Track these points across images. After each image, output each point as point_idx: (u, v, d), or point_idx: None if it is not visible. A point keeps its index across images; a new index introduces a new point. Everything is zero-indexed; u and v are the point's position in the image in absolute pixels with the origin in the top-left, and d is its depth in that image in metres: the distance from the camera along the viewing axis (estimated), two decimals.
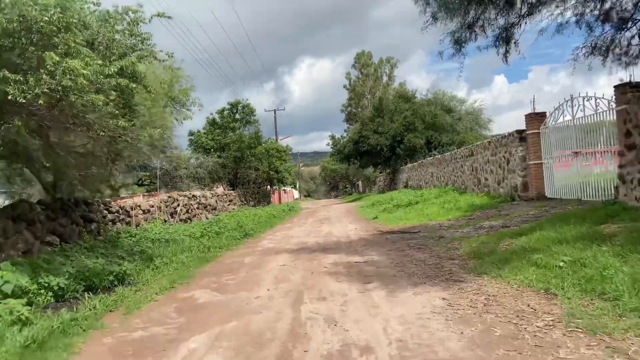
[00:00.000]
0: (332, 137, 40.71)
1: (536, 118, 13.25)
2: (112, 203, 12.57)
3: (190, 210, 18.19)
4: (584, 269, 5.31)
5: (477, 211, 13.38)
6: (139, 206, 14.13)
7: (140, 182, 26.20)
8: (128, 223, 13.16)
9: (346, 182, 78.31)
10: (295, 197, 69.18)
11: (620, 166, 8.81)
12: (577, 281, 5.06)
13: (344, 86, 63.38)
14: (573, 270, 5.39)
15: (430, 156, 28.71)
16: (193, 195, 18.93)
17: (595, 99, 10.27)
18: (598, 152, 10.46)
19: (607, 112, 9.93)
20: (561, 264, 5.62)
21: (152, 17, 8.98)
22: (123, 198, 14.88)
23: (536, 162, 13.18)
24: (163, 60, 10.00)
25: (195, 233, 12.17)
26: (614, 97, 9.30)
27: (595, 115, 10.39)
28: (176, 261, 9.25)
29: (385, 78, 61.51)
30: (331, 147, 41.14)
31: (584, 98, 10.76)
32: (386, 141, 34.75)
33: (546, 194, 13.10)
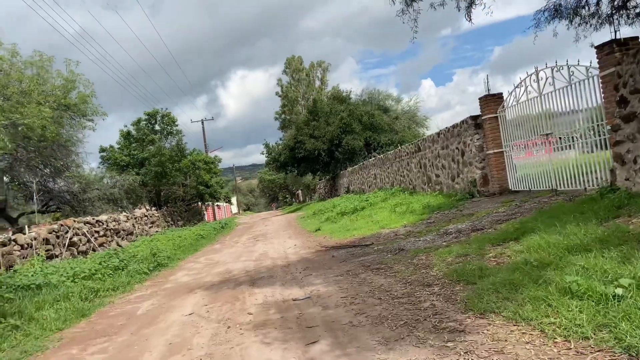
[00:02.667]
0: (267, 145, 38.13)
1: (492, 100, 11.49)
2: None
3: (93, 239, 14.98)
4: None
5: (435, 213, 11.38)
6: (15, 240, 10.92)
7: (45, 208, 22.43)
8: None
9: (285, 192, 75.82)
10: (233, 212, 65.75)
11: (616, 143, 7.01)
12: None
13: (276, 93, 60.95)
14: None
15: (371, 158, 26.93)
16: (97, 221, 15.71)
17: (569, 67, 8.53)
18: (576, 131, 8.71)
19: (586, 81, 8.20)
20: (618, 290, 3.49)
21: None
22: None
23: (496, 151, 11.41)
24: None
25: (84, 271, 9.24)
26: (597, 60, 7.54)
27: (569, 87, 8.65)
28: (37, 319, 6.39)
29: (317, 82, 59.71)
30: (266, 156, 38.49)
31: (552, 69, 9.02)
32: (323, 145, 32.70)
33: (510, 187, 11.34)
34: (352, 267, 7.50)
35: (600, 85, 7.53)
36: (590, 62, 7.97)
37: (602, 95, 7.52)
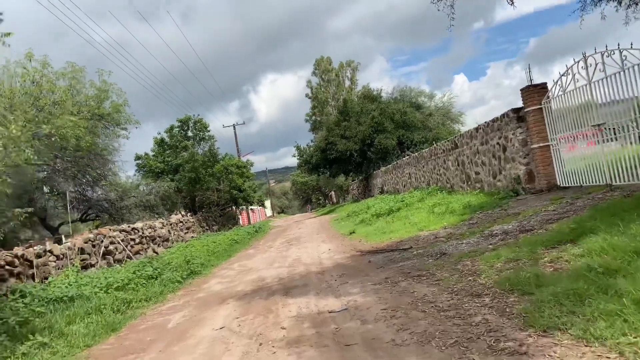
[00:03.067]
0: (298, 148, 37.86)
1: (536, 91, 10.77)
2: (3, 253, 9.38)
3: (129, 247, 15.01)
4: None
5: (477, 212, 10.75)
6: (50, 251, 10.95)
7: (85, 216, 22.85)
8: (33, 276, 9.99)
9: (318, 194, 75.60)
10: (267, 216, 66.04)
11: None
12: None
13: (306, 95, 60.82)
14: None
15: (404, 156, 26.26)
16: (133, 229, 15.76)
17: (621, 52, 7.80)
18: (632, 120, 7.96)
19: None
20: None
21: None
22: (31, 244, 11.66)
23: (541, 144, 10.68)
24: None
25: (117, 281, 9.12)
26: None
27: (622, 73, 7.91)
28: (67, 335, 6.22)
29: (347, 82, 59.22)
30: (297, 159, 38.26)
31: (602, 54, 8.29)
32: (355, 145, 32.19)
33: (558, 183, 10.59)
34: (390, 273, 7.03)
35: None
36: None
37: None
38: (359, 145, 32.13)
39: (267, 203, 71.05)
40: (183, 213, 27.67)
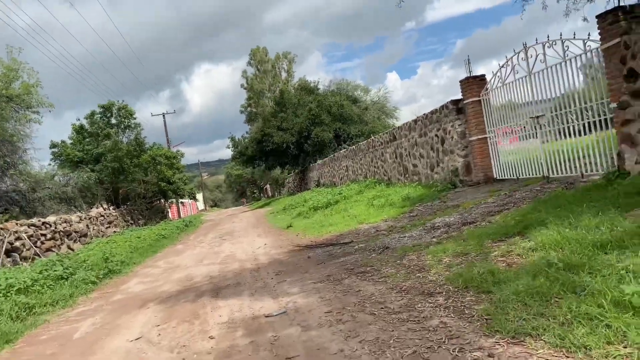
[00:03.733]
0: (232, 139, 36.52)
1: (475, 82, 10.68)
2: None
3: (40, 243, 13.47)
4: None
5: (417, 205, 10.52)
6: None
7: None
8: None
9: (253, 187, 74.28)
10: (199, 209, 63.88)
11: (624, 123, 6.25)
12: None
13: (241, 85, 59.26)
14: None
15: (341, 149, 26.02)
16: (44, 223, 14.18)
17: (562, 42, 7.74)
18: (571, 112, 7.94)
19: (583, 55, 7.43)
20: None
21: None
22: None
23: (480, 137, 10.62)
24: None
25: (19, 283, 7.90)
26: (598, 31, 6.75)
27: (563, 64, 7.87)
28: None
29: (284, 74, 58.31)
30: (232, 150, 36.96)
31: (543, 44, 8.22)
32: (292, 137, 31.57)
33: (495, 176, 10.58)
34: (332, 270, 6.50)
35: (602, 58, 6.75)
36: (589, 35, 7.21)
37: (605, 69, 6.75)
38: (295, 138, 31.54)
39: (200, 196, 68.76)
40: (105, 206, 25.73)
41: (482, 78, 10.68)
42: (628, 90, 6.12)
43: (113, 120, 26.19)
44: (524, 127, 9.30)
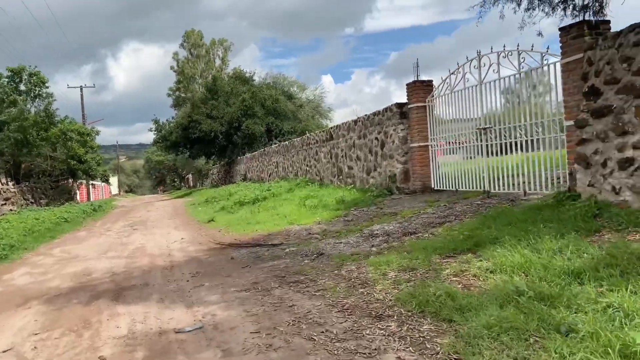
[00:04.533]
0: (156, 122, 34.14)
1: (421, 87, 10.31)
2: None
3: None
4: None
5: (352, 209, 9.93)
6: None
7: None
8: None
9: (174, 176, 71.02)
10: (112, 194, 59.84)
11: (580, 142, 6.00)
12: None
13: (171, 67, 56.18)
14: None
15: (273, 144, 25.13)
16: None
17: (519, 53, 7.48)
18: (520, 127, 7.70)
19: (540, 69, 7.20)
20: None
21: None
22: None
23: (421, 144, 10.26)
24: None
25: None
26: (560, 44, 6.50)
27: (518, 76, 7.62)
28: None
29: (218, 61, 56.11)
30: (154, 133, 34.63)
31: (498, 54, 7.95)
32: (221, 127, 30.12)
33: (432, 185, 10.26)
34: (260, 276, 5.67)
35: (562, 73, 6.51)
36: (548, 49, 6.97)
37: (563, 85, 6.51)
38: (225, 128, 30.13)
39: (114, 180, 64.54)
40: (4, 181, 22.88)
41: (428, 83, 10.33)
42: (588, 109, 5.87)
43: (22, 87, 23.38)
44: (469, 138, 9.02)
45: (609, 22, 6.20)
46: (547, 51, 6.92)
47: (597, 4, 8.46)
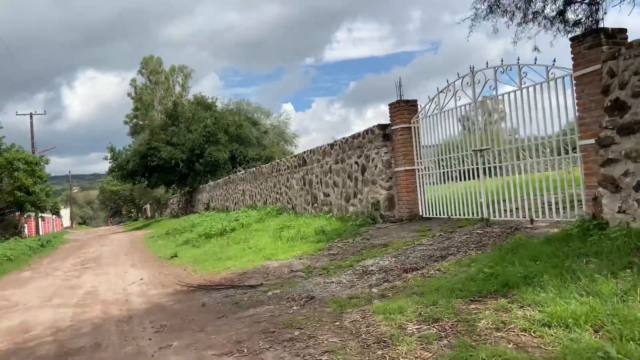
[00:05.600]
0: (112, 149, 32.30)
1: (406, 107, 9.61)
2: None
3: None
4: None
5: (335, 240, 8.97)
6: None
7: None
8: None
9: (131, 206, 68.04)
10: (64, 226, 56.49)
11: (606, 163, 5.32)
12: None
13: (129, 94, 54.41)
14: None
15: (238, 172, 24.01)
16: None
17: (520, 67, 6.87)
18: (524, 147, 7.04)
19: (544, 84, 6.58)
20: None
21: None
22: None
23: (407, 168, 9.49)
24: None
25: None
26: (572, 56, 5.90)
27: (518, 92, 6.99)
28: None
29: (178, 88, 54.65)
30: (110, 162, 32.71)
31: (495, 69, 7.33)
32: (183, 155, 28.72)
33: (421, 213, 9.47)
34: (242, 330, 4.59)
35: (575, 87, 5.88)
36: (554, 61, 6.37)
37: (577, 100, 5.87)
38: (187, 155, 28.75)
39: (66, 212, 61.12)
40: None
41: (413, 103, 9.65)
42: (613, 125, 5.22)
43: None
44: (462, 160, 8.31)
45: (626, 30, 5.64)
46: (554, 64, 6.31)
47: (590, 20, 8.09)
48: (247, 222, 13.52)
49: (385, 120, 9.98)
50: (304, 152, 13.82)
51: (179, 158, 28.63)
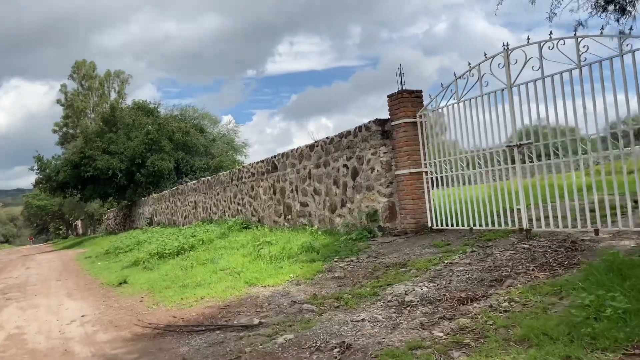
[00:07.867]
0: (39, 159, 28.70)
1: (410, 99, 8.18)
2: None
3: None
4: None
5: (334, 259, 7.28)
6: None
7: None
8: None
9: (60, 222, 62.40)
10: None
11: None
12: None
13: (58, 101, 49.96)
14: None
15: (184, 182, 21.76)
16: None
17: (577, 40, 5.61)
18: (579, 140, 5.76)
19: (618, 59, 5.33)
20: None
21: None
22: None
23: (412, 170, 8.03)
24: None
25: None
26: None
27: (575, 71, 5.72)
28: None
29: (114, 95, 50.86)
30: (37, 173, 29.07)
31: (540, 44, 6.03)
32: (122, 164, 25.89)
33: (430, 224, 8.01)
34: None
35: None
36: (631, 28, 5.14)
37: None
38: (126, 164, 25.94)
39: None
40: None
41: (418, 94, 8.25)
42: None
43: None
44: (489, 158, 6.95)
45: None
46: (630, 32, 5.07)
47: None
48: (207, 238, 11.53)
49: (327, 134, 8.50)
50: (274, 156, 12.06)
51: (118, 168, 25.77)
